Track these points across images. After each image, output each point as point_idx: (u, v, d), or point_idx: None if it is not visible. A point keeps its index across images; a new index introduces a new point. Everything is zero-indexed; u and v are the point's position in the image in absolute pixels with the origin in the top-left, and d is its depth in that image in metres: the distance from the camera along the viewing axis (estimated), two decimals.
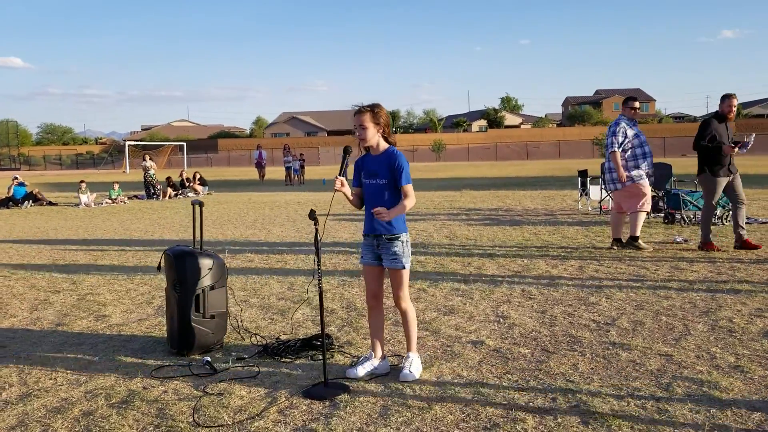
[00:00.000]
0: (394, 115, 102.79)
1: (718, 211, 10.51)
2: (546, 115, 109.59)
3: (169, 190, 21.22)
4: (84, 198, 18.66)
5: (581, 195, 14.09)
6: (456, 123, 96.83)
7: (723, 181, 7.98)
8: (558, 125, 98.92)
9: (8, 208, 18.44)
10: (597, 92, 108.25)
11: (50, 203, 19.34)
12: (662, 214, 11.26)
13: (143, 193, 21.65)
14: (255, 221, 13.22)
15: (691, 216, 10.68)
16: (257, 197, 20.29)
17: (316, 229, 3.89)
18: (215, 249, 9.34)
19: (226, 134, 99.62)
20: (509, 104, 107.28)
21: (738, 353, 4.26)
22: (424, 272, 7.26)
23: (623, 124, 8.27)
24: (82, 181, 19.80)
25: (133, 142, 66.91)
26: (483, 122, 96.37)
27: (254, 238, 10.63)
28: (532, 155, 65.90)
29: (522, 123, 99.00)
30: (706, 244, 8.15)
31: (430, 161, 63.63)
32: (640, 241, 8.33)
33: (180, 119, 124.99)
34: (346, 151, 4.06)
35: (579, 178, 14.08)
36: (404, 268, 3.97)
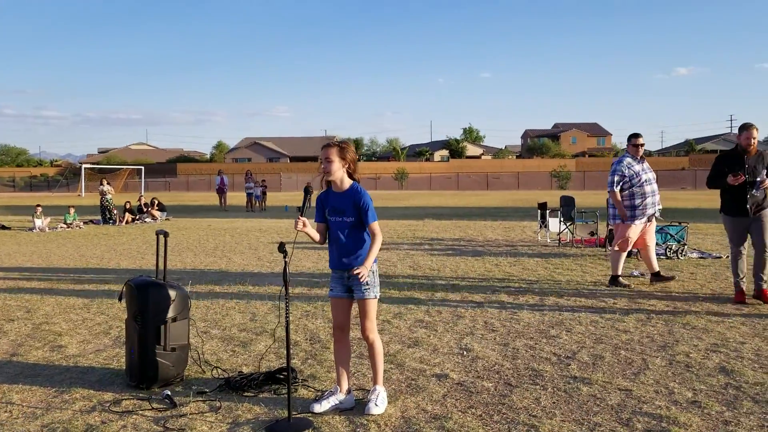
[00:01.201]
0: (357, 143, 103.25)
1: (674, 246, 10.79)
2: (506, 147, 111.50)
3: (127, 215, 20.85)
4: (38, 222, 18.21)
5: (540, 227, 14.31)
6: (419, 152, 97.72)
7: (738, 221, 7.04)
8: (517, 157, 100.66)
9: None
10: (555, 125, 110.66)
11: (2, 227, 18.81)
12: None
13: (99, 218, 21.21)
14: (215, 249, 13.07)
15: None
16: (217, 224, 20.08)
17: (286, 263, 3.87)
18: (174, 277, 9.21)
19: (186, 158, 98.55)
20: (471, 135, 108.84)
21: (695, 388, 4.36)
22: (388, 303, 7.26)
23: (625, 162, 8.10)
24: (38, 205, 19.34)
25: (89, 165, 65.66)
26: (445, 152, 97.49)
27: (215, 266, 10.50)
28: (492, 185, 66.78)
29: (483, 154, 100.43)
30: (736, 294, 7.19)
31: (393, 189, 63.95)
32: (620, 279, 8.23)
33: (138, 142, 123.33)
34: (307, 190, 4.08)
35: (539, 211, 14.31)
36: (375, 297, 4.02)
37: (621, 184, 8.09)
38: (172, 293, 4.52)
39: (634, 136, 8.23)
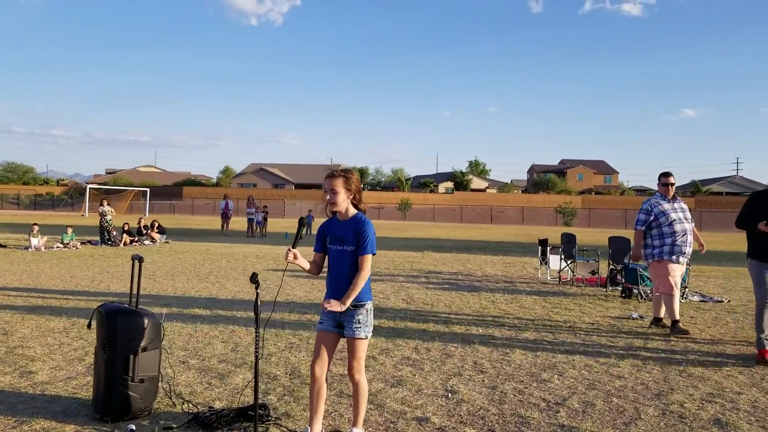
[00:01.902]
0: (362, 172, 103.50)
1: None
2: (511, 181, 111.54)
3: (125, 237, 20.71)
4: (34, 241, 18.06)
5: (541, 264, 14.09)
6: (423, 183, 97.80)
7: (765, 267, 6.33)
8: (523, 191, 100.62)
9: None
10: (562, 161, 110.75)
11: None
12: (620, 288, 11.26)
13: (98, 238, 21.08)
14: (209, 274, 12.87)
15: (648, 292, 10.70)
16: (216, 248, 19.90)
17: (257, 294, 3.69)
18: (162, 303, 9.02)
19: (192, 182, 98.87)
20: (477, 168, 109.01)
21: None
22: (376, 338, 7.04)
23: (652, 201, 7.88)
24: (35, 224, 19.22)
25: (95, 186, 65.85)
26: (450, 184, 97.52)
27: (205, 292, 10.29)
28: (496, 219, 66.57)
29: (488, 187, 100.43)
30: (759, 353, 6.41)
31: (396, 219, 63.80)
32: (678, 324, 7.66)
33: (147, 164, 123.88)
34: (302, 222, 3.95)
35: (539, 247, 14.10)
36: (366, 337, 3.83)
37: (649, 223, 7.84)
38: (144, 321, 4.32)
39: (664, 176, 7.96)
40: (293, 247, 3.76)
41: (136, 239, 21.28)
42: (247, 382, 5.27)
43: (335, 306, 3.67)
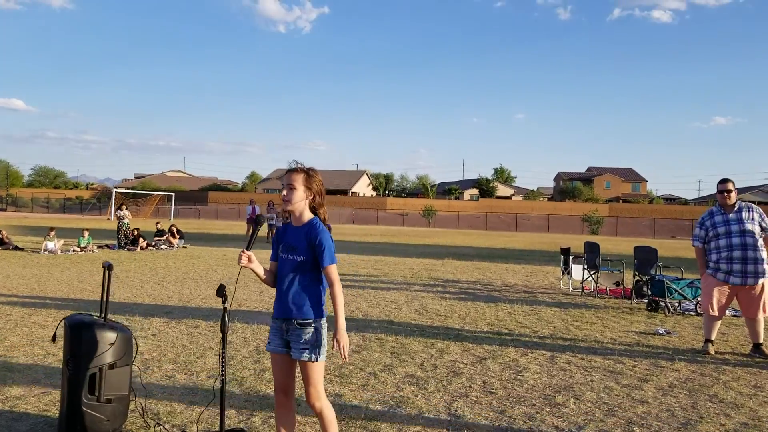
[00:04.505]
0: (387, 179, 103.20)
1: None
2: (538, 188, 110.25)
3: (142, 241, 20.54)
4: (51, 245, 17.95)
5: (563, 273, 13.53)
6: (448, 190, 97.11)
7: None
8: (549, 199, 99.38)
9: None
10: (589, 169, 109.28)
11: (16, 248, 18.61)
12: (645, 301, 10.68)
13: (115, 242, 20.96)
14: (220, 280, 12.54)
15: (676, 305, 10.11)
16: (233, 253, 19.63)
17: (224, 309, 3.28)
18: (163, 311, 8.68)
19: (218, 187, 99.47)
20: (502, 175, 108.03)
21: None
22: (380, 353, 6.60)
23: (708, 212, 7.28)
24: (51, 228, 19.13)
25: (122, 190, 66.51)
26: (475, 191, 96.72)
27: (211, 300, 9.94)
28: (521, 227, 65.66)
29: (513, 194, 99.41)
30: None
31: (420, 226, 63.28)
32: (710, 344, 7.13)
33: (174, 169, 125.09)
34: (258, 221, 3.51)
35: (562, 256, 13.55)
36: (316, 360, 3.35)
37: (707, 237, 7.20)
38: (112, 335, 3.94)
39: (720, 182, 7.18)
40: (247, 249, 3.35)
41: (153, 243, 21.11)
42: (232, 400, 4.87)
43: (343, 340, 3.23)
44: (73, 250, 18.58)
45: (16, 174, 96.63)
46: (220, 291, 3.31)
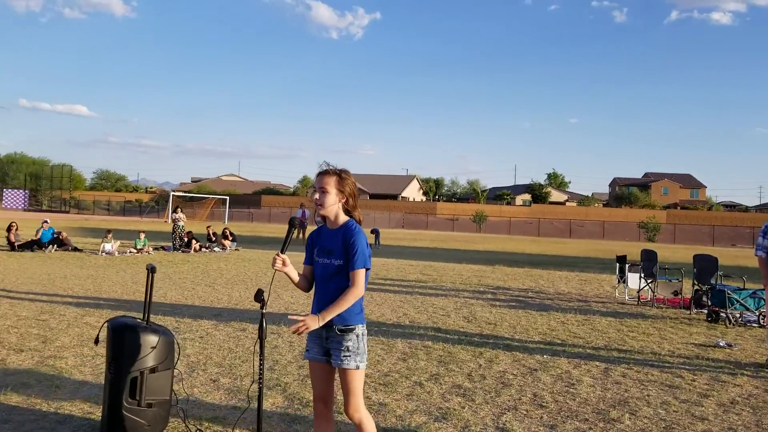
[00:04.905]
0: (437, 183, 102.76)
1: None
2: (592, 194, 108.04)
3: (195, 244, 20.87)
4: (108, 246, 18.39)
5: (619, 282, 13.11)
6: (499, 195, 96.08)
7: None
8: (604, 205, 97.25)
9: (32, 250, 18.27)
10: (646, 175, 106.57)
11: (75, 249, 19.14)
12: (705, 312, 10.23)
13: (170, 244, 21.38)
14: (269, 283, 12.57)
15: (738, 316, 9.64)
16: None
17: (262, 314, 3.20)
18: (212, 313, 8.72)
19: (271, 191, 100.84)
20: (556, 180, 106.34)
21: None
22: (427, 361, 6.45)
23: None
24: (109, 231, 19.61)
25: (179, 193, 68.07)
26: (527, 196, 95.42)
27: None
28: (575, 234, 64.39)
29: (567, 200, 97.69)
30: None
31: (471, 232, 62.75)
32: None
33: (229, 173, 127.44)
34: (292, 223, 3.42)
35: (617, 264, 13.13)
36: (357, 368, 3.23)
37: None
38: (154, 339, 3.91)
39: None
40: (282, 252, 3.26)
41: (206, 246, 21.43)
42: (277, 407, 4.79)
43: (310, 323, 3.11)
44: (130, 252, 19.00)
45: (79, 177, 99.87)
46: (258, 296, 3.23)
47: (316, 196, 3.32)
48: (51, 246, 18.57)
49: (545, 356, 6.92)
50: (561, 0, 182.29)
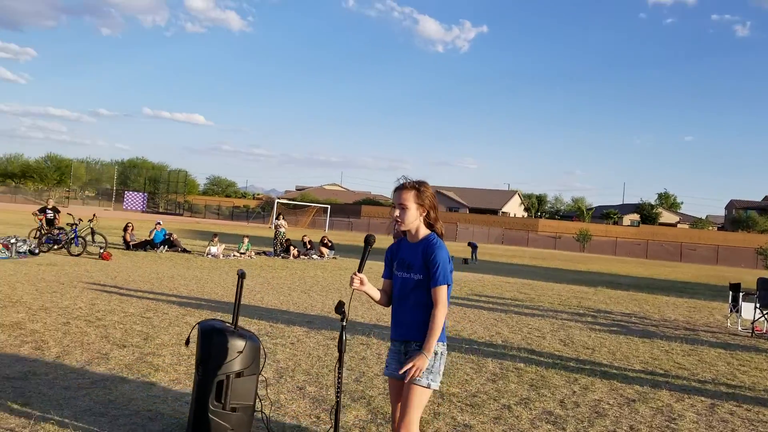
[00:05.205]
0: (540, 200, 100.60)
1: None
2: (707, 217, 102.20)
3: (293, 250, 21.37)
4: (214, 249, 19.17)
5: (731, 311, 12.25)
6: (605, 214, 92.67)
7: None
8: (719, 228, 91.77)
9: (145, 250, 19.31)
10: (766, 197, 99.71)
11: (184, 250, 20.06)
12: None
13: (272, 249, 22.02)
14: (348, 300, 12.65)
15: None
16: (379, 267, 19.86)
17: (342, 327, 3.17)
18: (304, 320, 8.84)
19: (371, 201, 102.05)
20: (667, 201, 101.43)
21: None
22: (518, 384, 6.23)
23: None
24: (215, 234, 20.46)
25: (284, 201, 70.22)
26: (636, 216, 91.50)
27: (351, 312, 10.02)
28: (686, 257, 61.10)
29: (679, 222, 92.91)
30: None
31: (573, 251, 60.87)
32: None
33: (332, 183, 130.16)
34: (368, 241, 3.34)
35: (731, 292, 12.27)
36: (428, 386, 3.11)
37: None
38: (241, 343, 3.96)
39: None
40: (359, 271, 3.19)
41: (305, 253, 21.91)
42: (359, 419, 4.75)
43: (419, 363, 3.03)
44: (234, 255, 19.70)
45: (193, 182, 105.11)
46: (339, 308, 3.20)
47: (396, 212, 3.25)
48: (162, 246, 19.55)
49: (645, 387, 6.52)
50: (678, 13, 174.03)
